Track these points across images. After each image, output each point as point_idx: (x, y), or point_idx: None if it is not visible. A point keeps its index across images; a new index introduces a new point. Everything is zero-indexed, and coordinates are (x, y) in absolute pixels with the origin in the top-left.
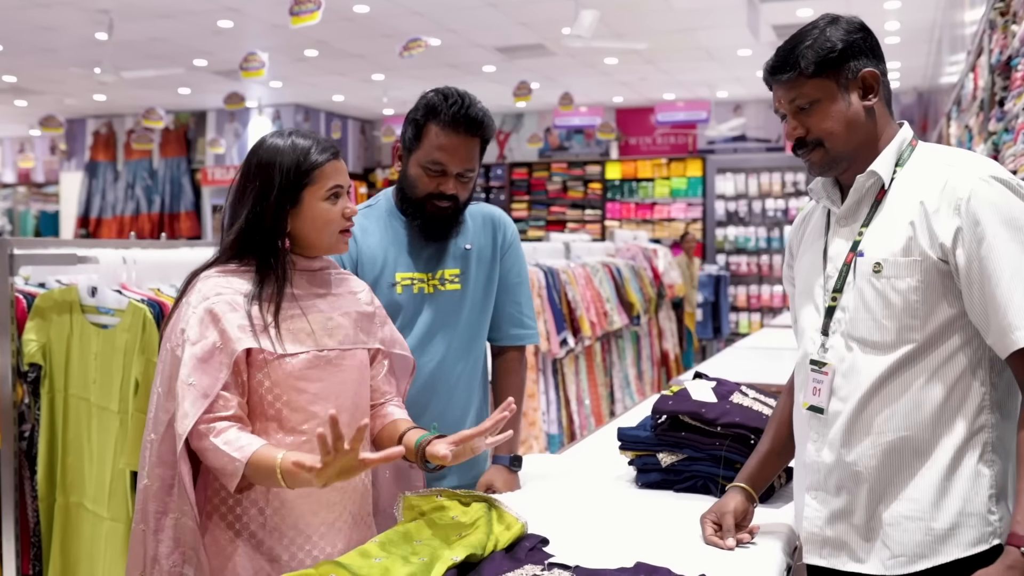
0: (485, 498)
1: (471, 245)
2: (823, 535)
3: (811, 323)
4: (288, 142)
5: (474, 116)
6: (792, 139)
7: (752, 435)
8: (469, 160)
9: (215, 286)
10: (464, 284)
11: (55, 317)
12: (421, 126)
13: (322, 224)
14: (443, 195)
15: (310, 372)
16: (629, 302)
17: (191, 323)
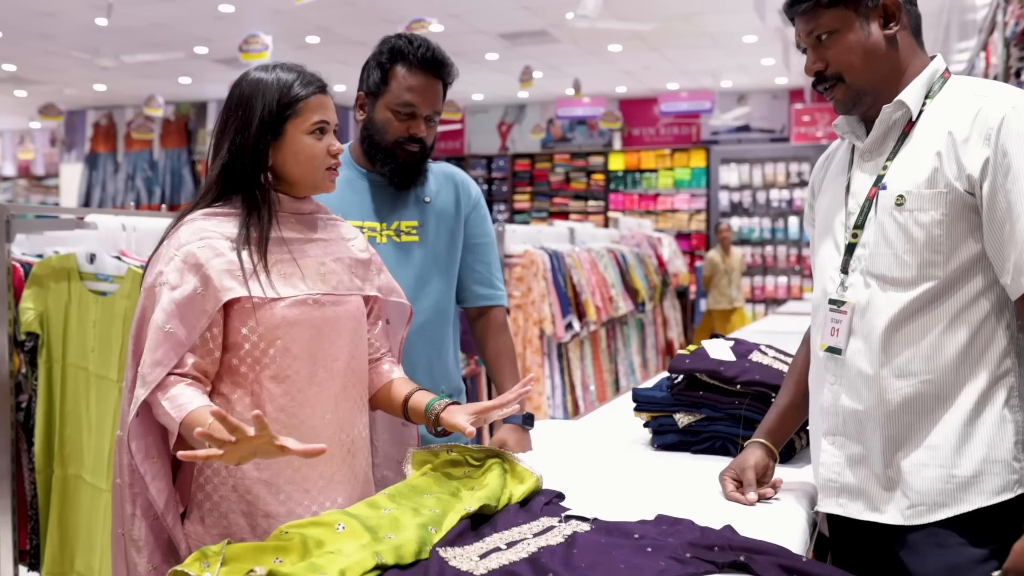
0: (498, 453)
1: (430, 198)
2: (840, 481)
3: (830, 261)
4: (272, 75)
5: (440, 57)
6: (811, 74)
7: (773, 393)
8: (436, 102)
9: (199, 229)
10: (423, 237)
11: (53, 285)
12: (387, 69)
13: (306, 159)
14: (413, 138)
15: (303, 317)
16: (634, 288)
17: (171, 267)
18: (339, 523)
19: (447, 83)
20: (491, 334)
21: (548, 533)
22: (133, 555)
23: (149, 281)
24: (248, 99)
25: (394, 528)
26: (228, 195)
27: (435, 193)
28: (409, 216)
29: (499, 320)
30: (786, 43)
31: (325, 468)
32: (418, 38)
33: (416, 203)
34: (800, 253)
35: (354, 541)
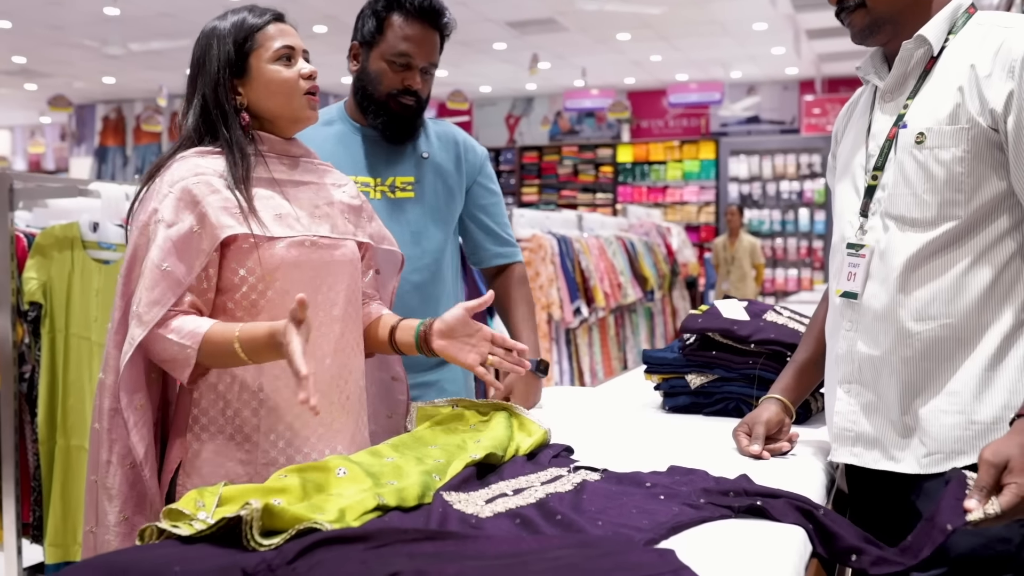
0: (505, 406)
1: (428, 154)
2: (855, 430)
3: (849, 205)
4: (224, 19)
5: (439, 7)
6: (835, 2)
7: (788, 352)
8: (433, 53)
9: (194, 166)
10: (419, 192)
11: (56, 254)
12: (383, 18)
13: (277, 88)
14: (408, 90)
15: (302, 259)
16: (643, 276)
17: (166, 204)
18: (340, 468)
19: (444, 35)
20: (512, 287)
21: (557, 481)
22: (104, 504)
23: (142, 219)
24: (206, 47)
25: (397, 475)
26: (211, 139)
27: (434, 149)
28: (404, 172)
29: (519, 273)
30: (797, 30)
31: (325, 415)
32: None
33: (412, 158)
34: (811, 245)
35: (355, 486)
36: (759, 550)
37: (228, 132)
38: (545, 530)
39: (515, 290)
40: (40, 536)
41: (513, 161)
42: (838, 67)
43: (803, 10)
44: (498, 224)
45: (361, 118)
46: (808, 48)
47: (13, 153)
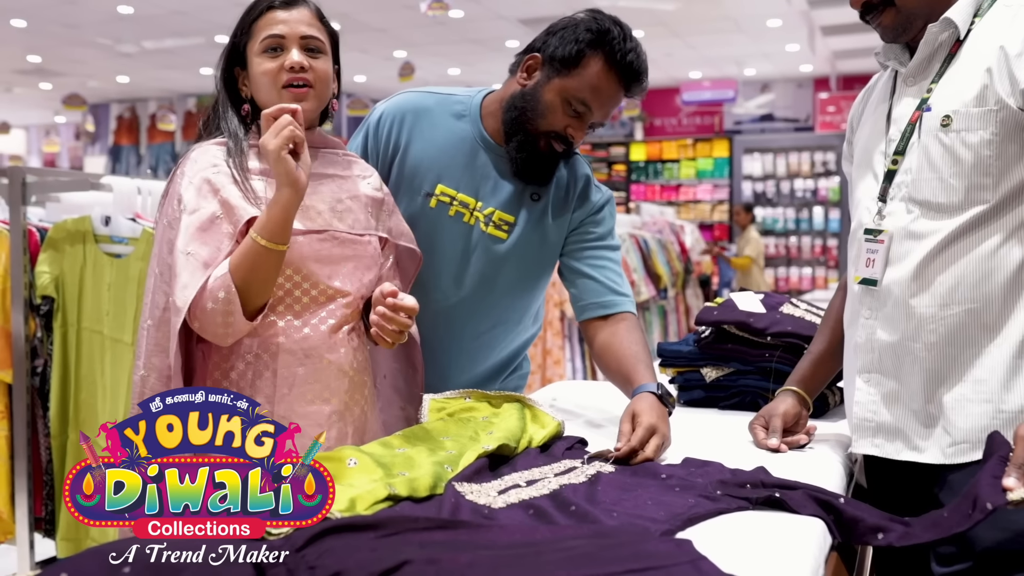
0: (517, 397)
1: (539, 196)
2: (876, 421)
3: (868, 191)
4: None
5: (641, 71)
6: (859, 5)
7: (805, 344)
8: (611, 113)
9: (212, 158)
10: (512, 237)
11: (68, 248)
12: (584, 54)
13: (260, 81)
14: (565, 138)
15: (323, 252)
16: (656, 274)
17: (188, 193)
18: (351, 458)
19: (631, 98)
20: (620, 334)
21: (570, 473)
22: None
23: (169, 213)
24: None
25: (408, 466)
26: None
27: (551, 191)
28: (508, 208)
29: (631, 322)
30: (811, 27)
31: (337, 403)
32: (629, 32)
33: (522, 195)
34: (825, 244)
35: (366, 476)
36: (777, 542)
37: (225, 122)
38: (559, 521)
39: (626, 335)
40: (52, 531)
41: None
42: (853, 64)
43: (818, 6)
44: (602, 272)
45: (497, 133)
46: (823, 45)
47: (28, 152)
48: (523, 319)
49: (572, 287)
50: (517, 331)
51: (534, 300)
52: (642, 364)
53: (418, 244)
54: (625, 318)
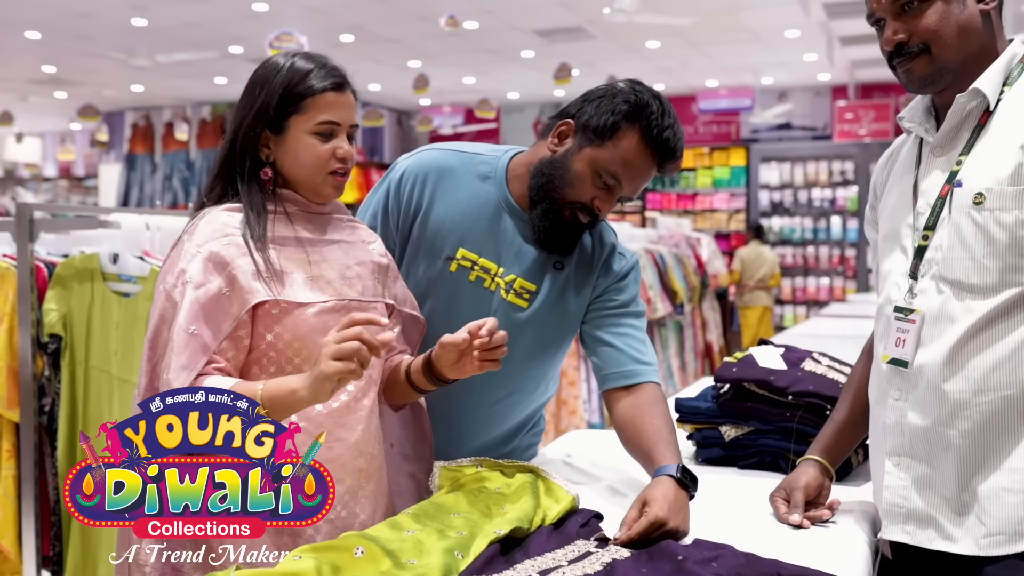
0: (531, 468)
1: (563, 265)
2: (907, 507)
3: (896, 266)
4: (289, 62)
5: (676, 148)
6: (891, 45)
7: (828, 405)
8: (641, 188)
9: (222, 226)
10: (533, 306)
11: (76, 286)
12: (620, 126)
13: (304, 161)
14: (593, 211)
15: (331, 323)
16: (672, 290)
17: (195, 264)
18: (357, 547)
19: (663, 173)
20: (643, 408)
21: (585, 560)
22: None
23: (169, 282)
24: (258, 86)
25: (417, 552)
26: (234, 190)
27: (574, 259)
28: (530, 276)
29: (651, 394)
30: (830, 37)
31: (351, 482)
32: (671, 112)
33: (544, 264)
34: (843, 254)
35: (373, 567)
36: None
37: (245, 185)
38: None
39: (650, 410)
40: (60, 570)
41: None
42: (871, 72)
43: (837, 17)
44: (624, 340)
45: (522, 198)
46: (841, 54)
47: (44, 160)
48: (539, 386)
49: (594, 355)
50: (533, 397)
51: (552, 368)
52: (663, 442)
53: (436, 308)
54: (648, 389)
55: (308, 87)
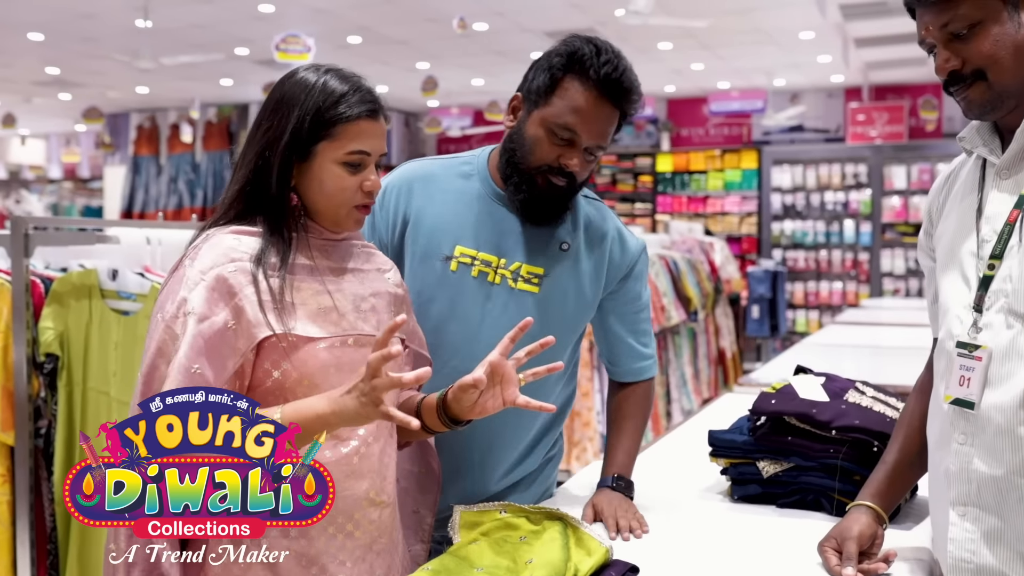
0: (559, 515)
1: (568, 244)
2: (976, 562)
3: (958, 298)
4: (320, 80)
5: (626, 82)
6: (945, 73)
7: (875, 441)
8: (605, 134)
9: (228, 250)
10: (544, 290)
11: (73, 303)
12: (558, 78)
13: (331, 191)
14: (562, 170)
15: (344, 359)
16: (686, 297)
17: (197, 292)
18: None
19: (627, 114)
20: (633, 403)
21: None
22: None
23: (169, 311)
24: (287, 105)
25: None
26: (252, 214)
27: (579, 240)
28: (535, 260)
29: (644, 392)
30: (845, 39)
31: (363, 535)
32: (608, 49)
33: (550, 246)
34: (856, 258)
35: None
36: None
37: (273, 211)
38: None
39: (635, 406)
40: None
41: None
42: (886, 74)
43: (853, 19)
44: (636, 336)
45: (502, 183)
46: (856, 56)
47: (48, 162)
48: (560, 377)
49: (608, 346)
50: (554, 390)
51: (571, 355)
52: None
53: (443, 311)
54: (644, 386)
55: (341, 113)
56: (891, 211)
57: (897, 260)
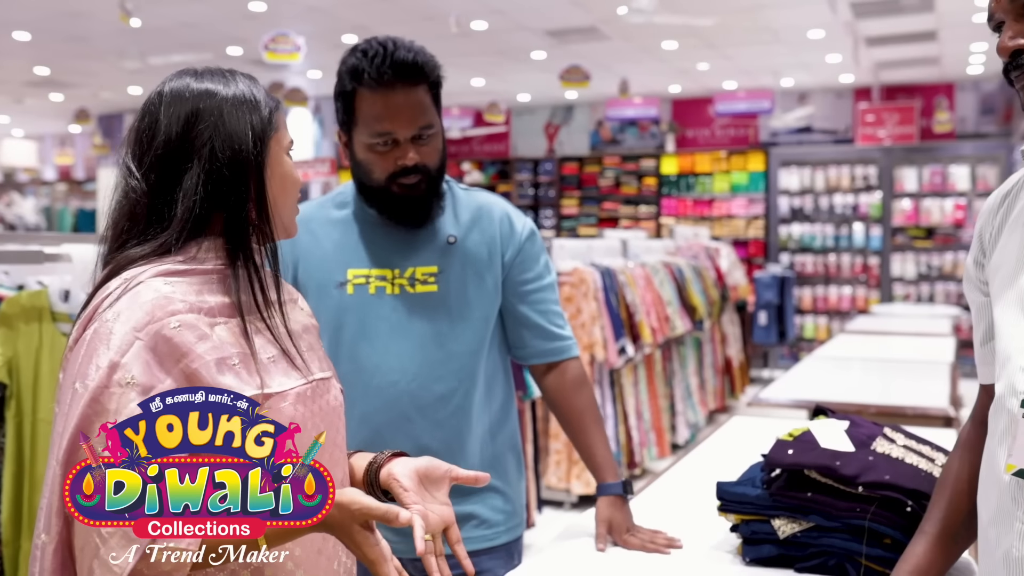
0: None
1: (455, 237)
2: None
3: (1018, 343)
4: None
5: (402, 60)
6: (1007, 53)
7: (908, 500)
8: (418, 115)
9: (164, 300)
10: (443, 285)
11: (23, 326)
12: (350, 97)
13: (291, 184)
14: (406, 169)
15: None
16: (692, 305)
17: (132, 357)
18: None
19: (432, 82)
20: (568, 391)
21: None
22: None
23: (94, 379)
24: (216, 112)
25: None
26: (186, 243)
27: (464, 230)
28: (426, 260)
29: (574, 373)
30: (856, 38)
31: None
32: (376, 43)
33: (436, 244)
34: (866, 262)
35: None
36: None
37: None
38: None
39: (575, 396)
40: None
41: (552, 172)
42: (896, 74)
43: (864, 17)
44: (543, 315)
45: None
46: (866, 55)
47: (42, 163)
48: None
49: (514, 331)
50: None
51: (488, 353)
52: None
53: (354, 333)
54: (571, 367)
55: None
56: (902, 214)
57: (908, 265)
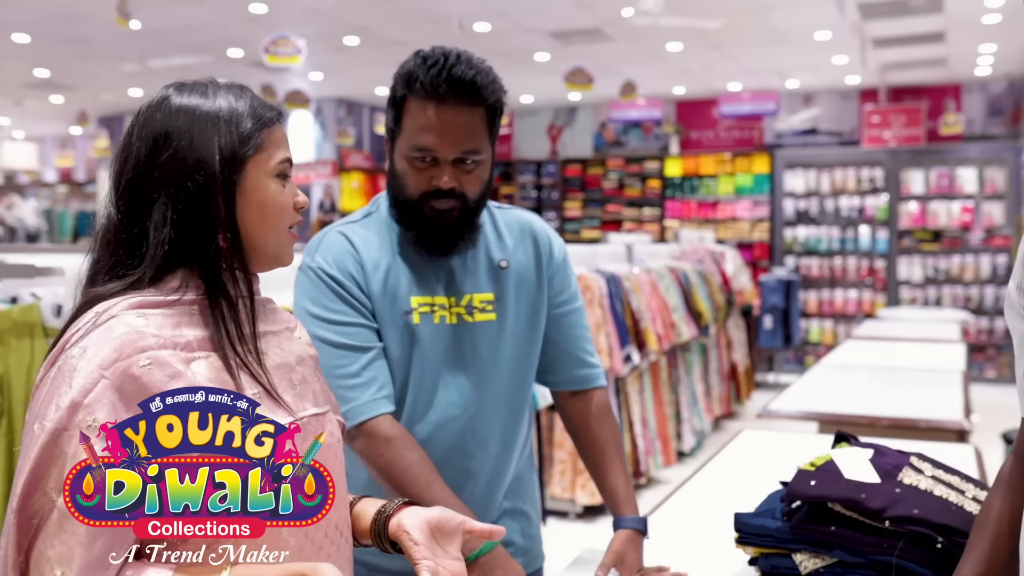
0: None
1: (507, 262)
2: None
3: None
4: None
5: (460, 75)
6: None
7: (938, 536)
8: (465, 138)
9: (135, 336)
10: (501, 314)
11: (14, 342)
12: (400, 104)
13: (274, 212)
14: (440, 192)
15: None
16: (698, 311)
17: (97, 397)
18: None
19: (491, 105)
20: (593, 421)
21: None
22: None
23: (52, 420)
24: (186, 134)
25: None
26: (164, 273)
27: (511, 253)
28: (481, 287)
29: (599, 403)
30: (863, 39)
31: None
32: (440, 52)
33: (488, 269)
34: (872, 265)
35: None
36: None
37: (213, 268)
38: None
39: (599, 427)
40: None
41: (555, 174)
42: (903, 76)
43: (872, 18)
44: (573, 340)
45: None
46: (873, 57)
47: (43, 166)
48: (527, 403)
49: (543, 356)
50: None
51: (530, 384)
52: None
53: (426, 368)
54: (596, 397)
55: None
56: (908, 217)
57: (915, 268)
